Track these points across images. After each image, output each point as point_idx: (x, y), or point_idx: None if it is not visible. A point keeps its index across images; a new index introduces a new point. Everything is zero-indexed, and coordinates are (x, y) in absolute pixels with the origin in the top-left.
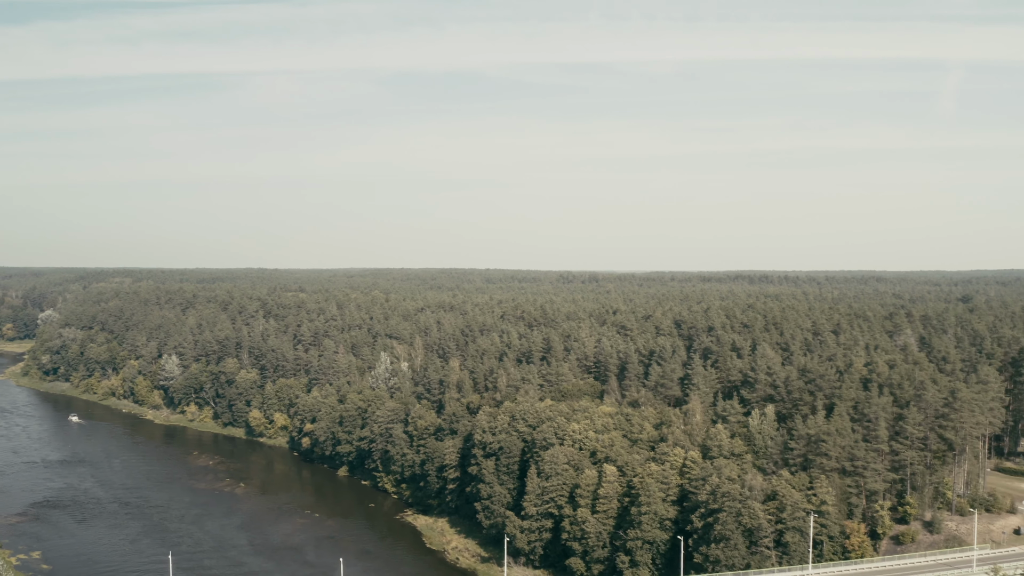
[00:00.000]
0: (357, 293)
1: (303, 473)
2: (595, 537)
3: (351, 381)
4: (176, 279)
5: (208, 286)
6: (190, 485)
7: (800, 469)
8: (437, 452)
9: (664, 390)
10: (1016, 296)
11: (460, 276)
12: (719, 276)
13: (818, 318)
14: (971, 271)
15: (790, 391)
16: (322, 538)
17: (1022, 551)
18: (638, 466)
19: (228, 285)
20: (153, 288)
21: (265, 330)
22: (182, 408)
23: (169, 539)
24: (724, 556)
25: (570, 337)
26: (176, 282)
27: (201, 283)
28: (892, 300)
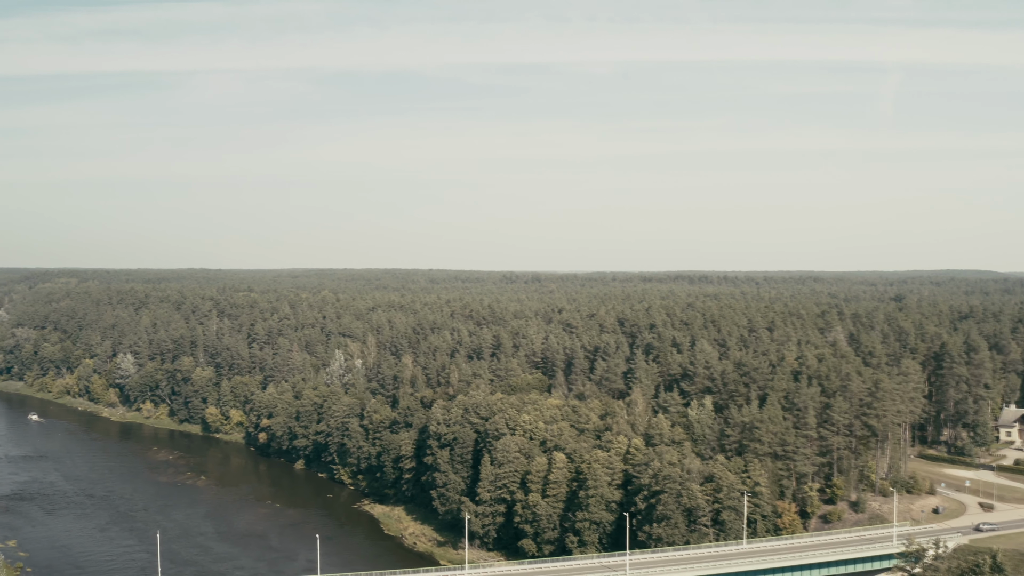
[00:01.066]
0: (307, 293)
1: (260, 467)
2: (546, 520)
3: (306, 378)
4: (121, 279)
5: (159, 286)
6: (152, 478)
7: (735, 454)
8: (393, 444)
9: (608, 383)
10: (946, 296)
11: (404, 276)
12: (659, 276)
13: (754, 316)
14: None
15: (726, 383)
16: (284, 526)
17: (938, 528)
18: (585, 453)
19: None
20: (104, 288)
21: (219, 329)
22: (138, 406)
23: (137, 528)
24: (666, 534)
25: (519, 334)
26: (122, 282)
27: (148, 283)
28: (827, 299)
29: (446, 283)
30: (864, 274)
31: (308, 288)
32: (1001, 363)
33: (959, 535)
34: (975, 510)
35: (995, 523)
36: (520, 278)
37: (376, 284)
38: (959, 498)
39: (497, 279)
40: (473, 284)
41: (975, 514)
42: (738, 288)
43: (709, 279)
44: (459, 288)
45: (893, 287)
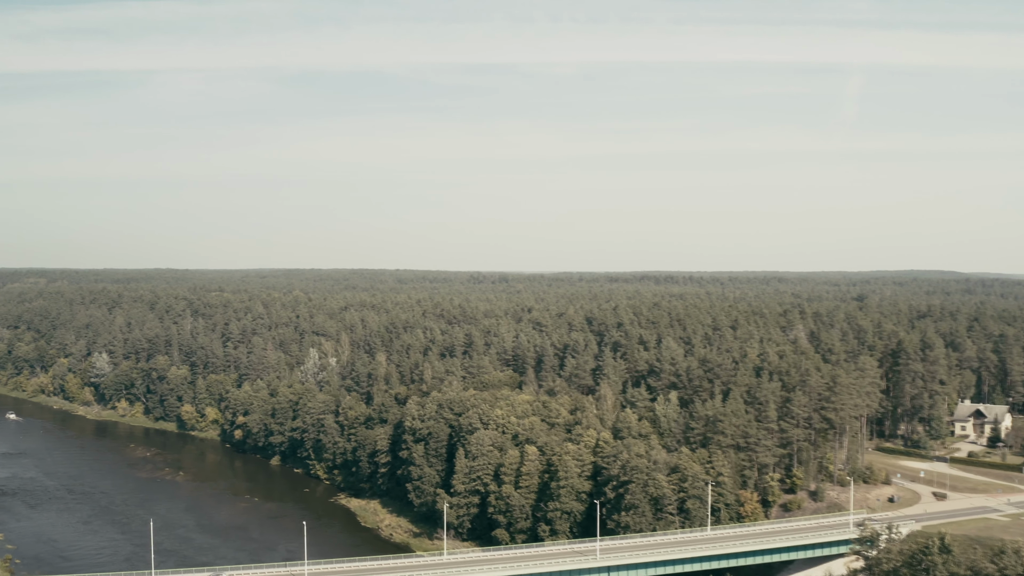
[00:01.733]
0: (278, 293)
1: (237, 463)
2: (519, 510)
3: (281, 376)
4: (90, 279)
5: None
6: (131, 474)
7: (700, 446)
8: (368, 439)
9: (578, 380)
10: (907, 296)
11: (372, 276)
12: (625, 276)
13: (718, 315)
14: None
15: (691, 379)
16: (263, 518)
17: (893, 515)
18: (556, 446)
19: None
20: (77, 288)
21: (194, 328)
22: (113, 404)
23: (119, 521)
24: (633, 522)
25: (490, 333)
26: (90, 282)
27: (117, 283)
28: (790, 299)
29: (414, 283)
30: (828, 274)
31: (277, 288)
32: (957, 360)
33: (912, 521)
34: (929, 499)
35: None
36: (487, 278)
37: (345, 284)
38: (914, 488)
39: (464, 279)
40: (441, 284)
41: (929, 503)
42: (703, 288)
43: (675, 279)
44: (427, 288)
45: (856, 287)
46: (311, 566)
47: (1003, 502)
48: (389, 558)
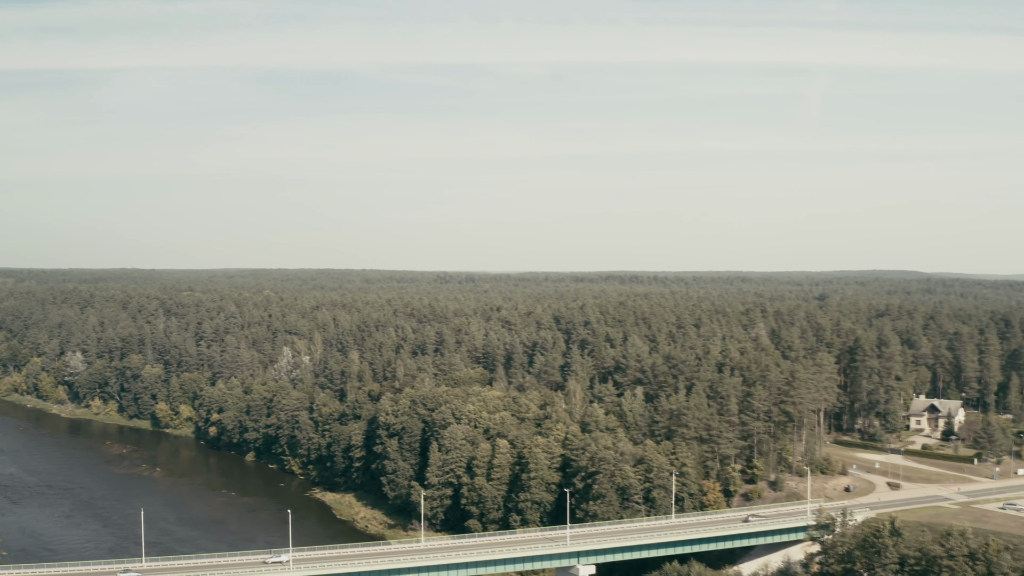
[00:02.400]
0: (249, 293)
1: (211, 459)
2: (491, 501)
3: (254, 374)
4: (58, 279)
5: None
6: (108, 470)
7: (664, 438)
8: (342, 435)
9: (547, 376)
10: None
11: (339, 276)
12: (591, 276)
13: (682, 313)
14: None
15: (656, 375)
16: (241, 512)
17: (849, 503)
18: (527, 439)
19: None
20: (49, 288)
21: (167, 327)
22: (87, 402)
23: (100, 514)
24: (601, 511)
25: (460, 331)
26: (59, 281)
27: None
28: (753, 298)
29: (381, 283)
30: (791, 274)
31: (245, 288)
32: (912, 357)
33: (867, 509)
34: (883, 489)
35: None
36: (454, 278)
37: (312, 284)
38: (869, 478)
39: (431, 279)
40: (408, 284)
41: (883, 492)
42: (668, 288)
43: (639, 279)
44: (395, 288)
45: (819, 287)
46: (296, 553)
47: (954, 491)
48: (370, 545)
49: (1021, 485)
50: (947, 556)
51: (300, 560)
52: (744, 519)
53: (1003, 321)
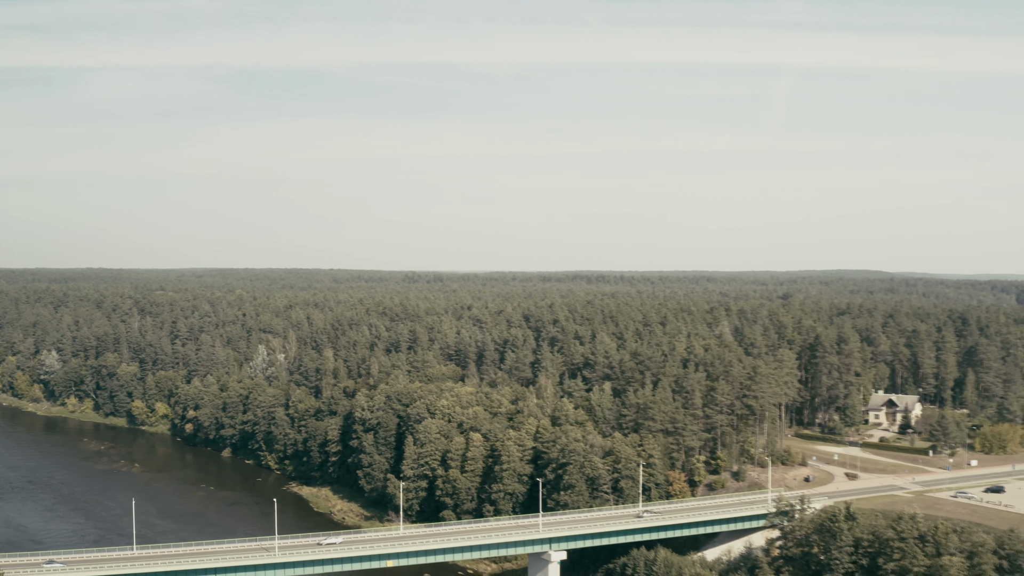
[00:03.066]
0: (221, 292)
1: (188, 455)
2: (464, 492)
3: (229, 372)
4: (28, 278)
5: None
6: (87, 466)
7: (632, 431)
8: (318, 430)
9: (518, 372)
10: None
11: (308, 276)
12: (558, 276)
13: (648, 312)
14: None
15: (623, 370)
16: (220, 506)
17: (808, 493)
18: (499, 433)
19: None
20: (22, 287)
21: (142, 326)
22: (63, 400)
23: (82, 508)
24: (571, 500)
25: (433, 329)
26: (29, 281)
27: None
28: (717, 297)
29: (350, 282)
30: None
31: (215, 287)
32: (871, 354)
33: (825, 498)
34: (841, 479)
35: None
36: (422, 277)
37: (282, 283)
38: (828, 469)
39: (399, 278)
40: (377, 283)
41: (841, 482)
42: (634, 287)
43: (606, 279)
44: (364, 287)
45: (783, 286)
46: (281, 540)
47: (909, 481)
48: (352, 532)
49: (973, 475)
50: (898, 539)
51: (348, 542)
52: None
53: (960, 319)
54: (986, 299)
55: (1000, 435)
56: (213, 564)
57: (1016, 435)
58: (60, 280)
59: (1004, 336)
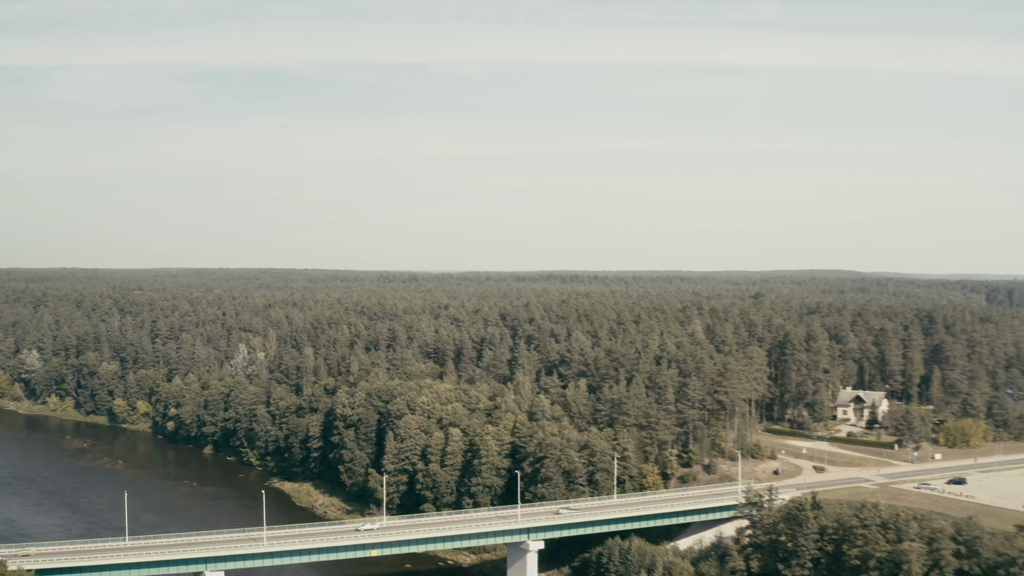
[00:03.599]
0: (200, 292)
1: (170, 452)
2: (444, 485)
3: (210, 370)
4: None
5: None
6: (71, 463)
7: (607, 425)
8: (300, 427)
9: (495, 370)
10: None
11: (283, 276)
12: (532, 276)
13: (622, 311)
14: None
15: (598, 367)
16: (204, 500)
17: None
18: (478, 428)
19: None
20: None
21: (122, 325)
22: (44, 399)
23: (69, 503)
24: (548, 492)
25: (412, 328)
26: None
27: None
28: (690, 297)
29: (325, 282)
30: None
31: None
32: (840, 351)
33: (793, 489)
34: (809, 472)
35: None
36: (397, 277)
37: (257, 283)
38: (797, 463)
39: (375, 278)
40: (352, 283)
41: (809, 475)
42: (608, 287)
43: (580, 279)
44: (339, 287)
45: (755, 286)
46: (269, 531)
47: (874, 473)
48: (335, 523)
49: (937, 468)
50: (861, 526)
51: (385, 528)
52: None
53: (927, 318)
54: (956, 299)
55: (963, 430)
56: (204, 554)
57: (979, 430)
58: (35, 280)
59: (970, 334)
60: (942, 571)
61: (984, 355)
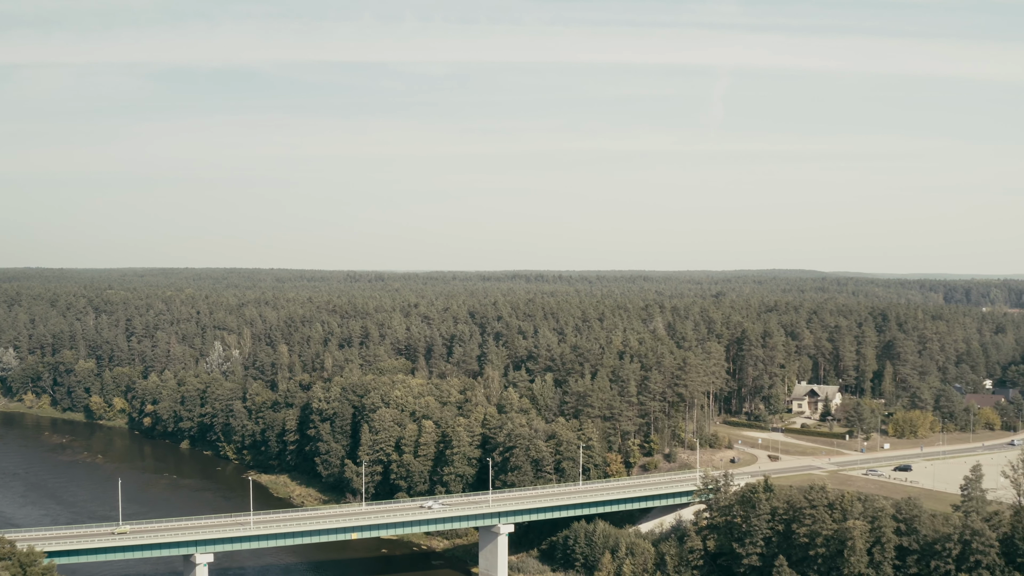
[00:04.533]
0: (172, 291)
1: (147, 448)
2: (418, 475)
3: (186, 367)
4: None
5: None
6: (52, 458)
7: (572, 417)
8: (276, 421)
9: (465, 365)
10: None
11: (250, 275)
12: (497, 275)
13: (587, 308)
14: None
15: (564, 362)
16: (184, 492)
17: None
18: (450, 420)
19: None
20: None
21: (98, 324)
22: (20, 396)
23: (54, 495)
24: (518, 480)
25: (383, 325)
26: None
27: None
28: (653, 296)
29: (292, 282)
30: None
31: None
32: (796, 347)
33: (748, 476)
34: (764, 461)
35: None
36: (363, 277)
37: (225, 283)
38: (753, 452)
39: (341, 278)
40: (319, 282)
41: (764, 463)
42: (572, 286)
43: (545, 278)
44: (307, 286)
45: (717, 285)
46: (255, 516)
47: (826, 462)
48: (319, 508)
49: (885, 457)
50: (810, 507)
51: (445, 504)
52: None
53: (881, 316)
54: (914, 297)
55: (911, 421)
56: (194, 537)
57: (926, 421)
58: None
59: (921, 331)
60: (883, 547)
61: (935, 351)
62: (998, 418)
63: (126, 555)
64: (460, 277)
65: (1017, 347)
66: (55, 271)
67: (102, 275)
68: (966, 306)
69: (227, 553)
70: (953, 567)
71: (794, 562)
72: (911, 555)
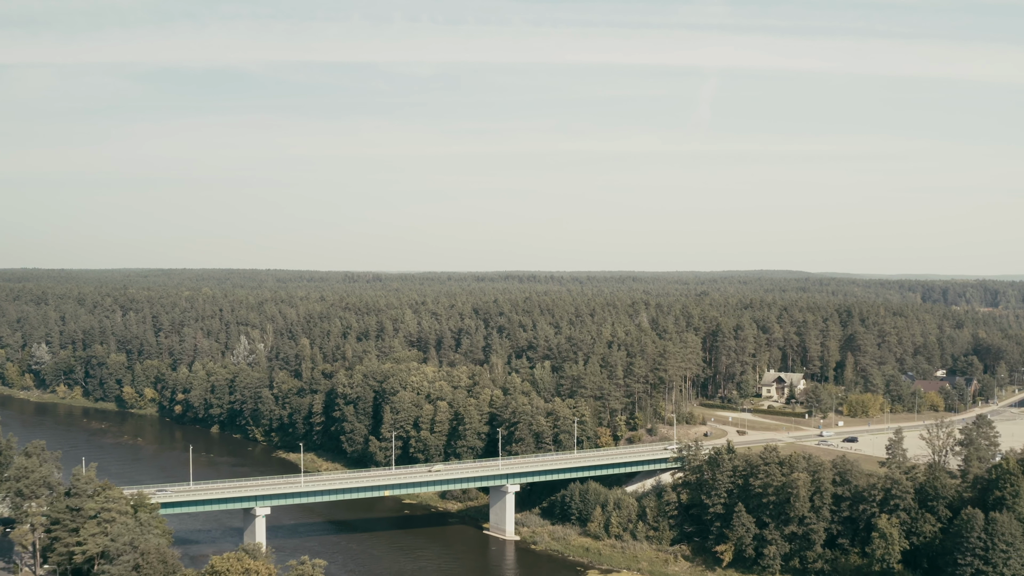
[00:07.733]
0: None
1: (180, 432)
2: (434, 448)
3: (213, 359)
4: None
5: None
6: (96, 440)
7: (568, 397)
8: (302, 406)
9: (472, 355)
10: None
11: (250, 276)
12: (491, 276)
13: (580, 305)
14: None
15: (560, 351)
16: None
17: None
18: (461, 401)
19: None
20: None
21: (126, 320)
22: (53, 388)
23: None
24: (521, 450)
25: (397, 320)
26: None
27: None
28: (640, 295)
29: (293, 282)
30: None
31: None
32: (766, 340)
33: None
34: (733, 435)
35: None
36: (361, 277)
37: (228, 283)
38: (723, 428)
39: (339, 278)
40: (319, 283)
41: (733, 437)
42: (564, 287)
43: (537, 279)
44: (309, 286)
45: (703, 285)
46: (305, 476)
47: (786, 435)
48: (356, 471)
49: (837, 432)
50: (764, 464)
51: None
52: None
53: (846, 312)
54: (892, 297)
55: (863, 403)
56: (255, 492)
57: (877, 403)
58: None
59: (881, 326)
60: (823, 495)
61: (892, 344)
62: (942, 401)
63: (197, 508)
64: (455, 278)
65: (972, 341)
66: (56, 271)
67: (103, 275)
68: (932, 304)
69: (281, 508)
70: (877, 509)
71: (751, 509)
72: (844, 501)
